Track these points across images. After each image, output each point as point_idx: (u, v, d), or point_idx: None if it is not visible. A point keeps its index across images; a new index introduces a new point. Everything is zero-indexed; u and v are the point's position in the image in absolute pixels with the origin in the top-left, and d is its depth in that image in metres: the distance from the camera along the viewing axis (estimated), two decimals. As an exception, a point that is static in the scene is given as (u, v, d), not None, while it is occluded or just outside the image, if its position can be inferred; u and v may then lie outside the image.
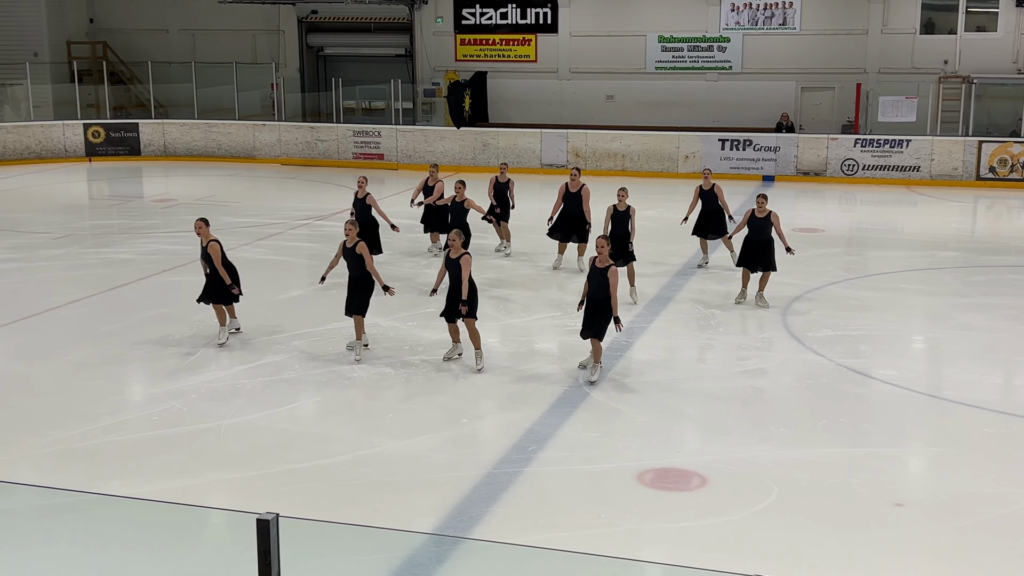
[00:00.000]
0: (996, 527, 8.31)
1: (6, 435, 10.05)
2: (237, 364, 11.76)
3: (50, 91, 31.46)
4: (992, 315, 14.10)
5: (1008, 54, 27.39)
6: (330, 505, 8.51)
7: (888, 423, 10.48)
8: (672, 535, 8.11)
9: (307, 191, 25.00)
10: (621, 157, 27.27)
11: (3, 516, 8.02)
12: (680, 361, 12.45)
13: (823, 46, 28.46)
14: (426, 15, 31.45)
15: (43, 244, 18.44)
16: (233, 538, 7.42)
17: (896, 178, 25.87)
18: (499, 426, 10.35)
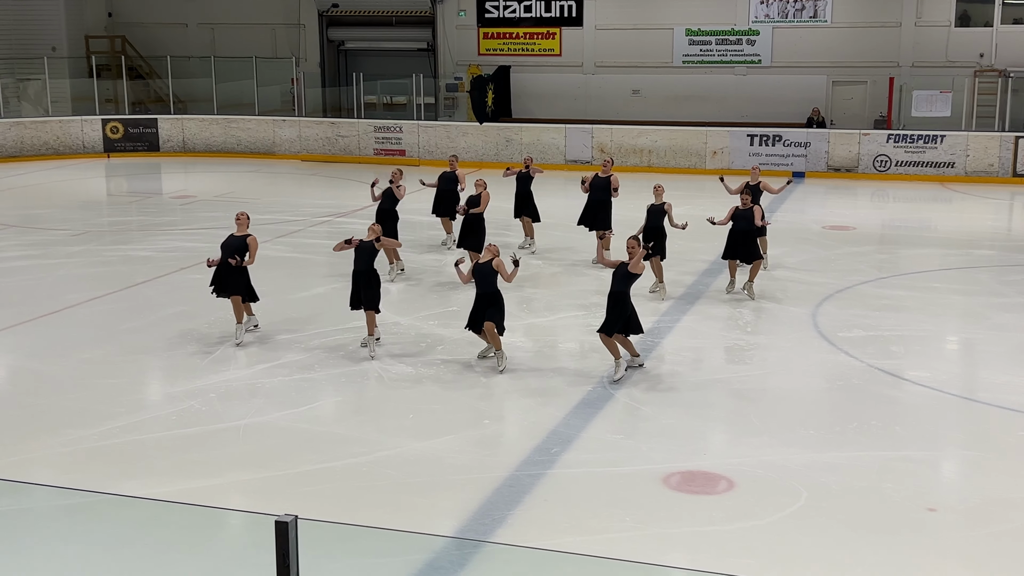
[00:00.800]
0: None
1: (23, 434, 10.12)
2: (256, 363, 11.80)
3: (68, 86, 31.71)
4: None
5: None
6: (350, 507, 8.53)
7: (921, 426, 10.40)
8: (699, 539, 8.08)
9: (327, 188, 25.07)
10: (647, 153, 27.20)
11: (20, 516, 8.09)
12: (707, 361, 12.40)
13: (855, 39, 28.28)
14: (449, 8, 31.46)
15: (61, 241, 18.57)
16: (251, 540, 7.44)
17: (930, 175, 25.68)
18: (522, 427, 10.35)
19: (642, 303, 14.53)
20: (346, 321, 13.42)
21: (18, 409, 10.83)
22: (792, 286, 15.41)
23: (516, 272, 11.57)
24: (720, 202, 16.81)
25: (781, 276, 16.05)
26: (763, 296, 14.82)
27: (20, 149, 29.07)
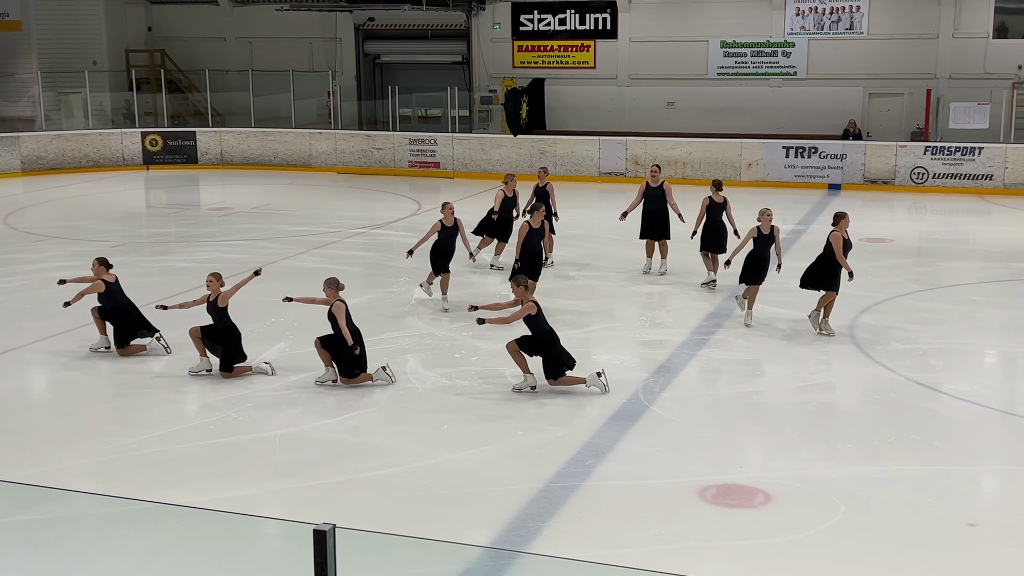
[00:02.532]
0: (1075, 550, 8.13)
1: (64, 443, 10.22)
2: (293, 373, 11.85)
3: (108, 99, 32.10)
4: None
5: (1086, 59, 26.88)
6: (385, 517, 8.54)
7: (960, 440, 10.29)
8: (735, 553, 8.03)
9: (363, 200, 25.19)
10: (682, 165, 27.12)
11: (61, 524, 8.16)
12: (743, 374, 12.33)
13: (892, 51, 28.11)
14: (483, 22, 31.57)
15: (103, 252, 18.75)
16: (288, 549, 7.47)
17: (968, 187, 25.44)
18: (556, 439, 10.32)
19: (683, 314, 14.50)
20: (381, 332, 13.46)
21: (59, 418, 10.95)
22: (828, 299, 15.30)
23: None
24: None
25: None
26: (799, 308, 14.71)
27: (61, 161, 29.42)
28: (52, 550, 7.71)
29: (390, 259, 18.39)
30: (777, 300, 15.20)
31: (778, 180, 26.69)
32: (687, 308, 14.74)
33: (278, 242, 19.68)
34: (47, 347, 12.86)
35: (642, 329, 13.86)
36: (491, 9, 31.45)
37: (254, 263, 17.68)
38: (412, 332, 13.61)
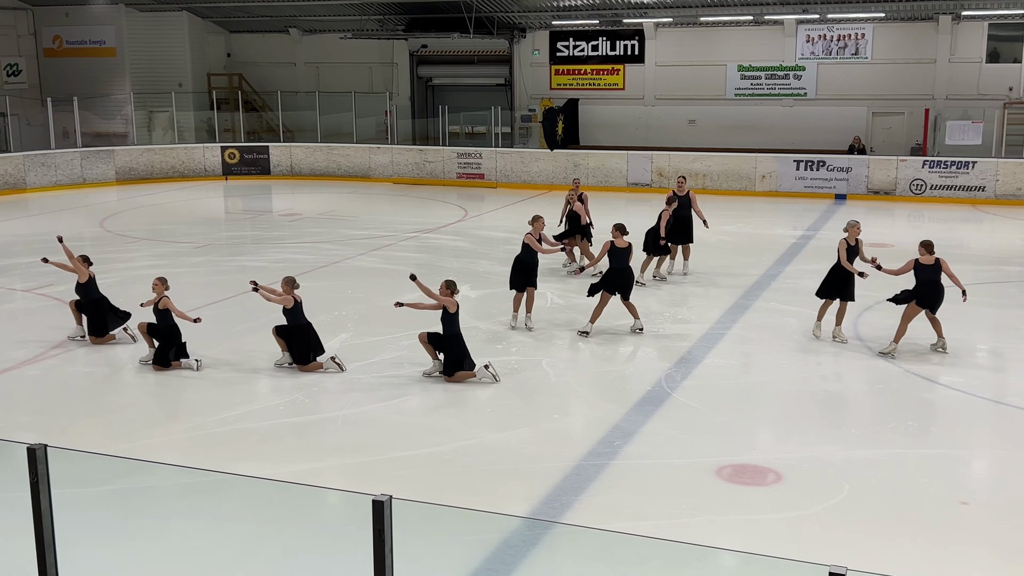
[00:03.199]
0: (1059, 527, 8.00)
1: (152, 421, 10.36)
2: (353, 361, 11.92)
3: (192, 117, 32.41)
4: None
5: (1072, 81, 26.48)
6: (435, 490, 8.57)
7: (954, 426, 10.18)
8: (748, 526, 7.98)
9: (416, 207, 25.28)
10: (702, 176, 26.99)
11: (148, 492, 8.26)
12: (756, 365, 12.26)
13: (893, 74, 27.84)
14: (524, 48, 31.58)
15: (186, 252, 18.98)
16: (348, 516, 7.52)
17: (962, 197, 25.16)
18: (587, 422, 10.31)
19: (703, 311, 14.43)
20: (430, 324, 13.49)
21: (147, 399, 11.10)
22: (834, 298, 15.16)
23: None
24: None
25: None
26: (807, 306, 14.58)
27: (151, 172, 29.79)
28: (142, 514, 7.82)
29: (439, 260, 18.45)
30: (785, 299, 15.10)
31: (789, 190, 26.53)
32: (707, 306, 14.67)
33: (341, 244, 19.81)
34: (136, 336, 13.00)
35: (665, 324, 13.81)
36: (531, 37, 31.44)
37: (320, 263, 17.83)
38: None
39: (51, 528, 4.57)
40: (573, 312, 14.43)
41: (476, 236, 21.00)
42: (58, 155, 28.45)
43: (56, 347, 12.62)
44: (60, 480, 4.69)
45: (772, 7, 27.61)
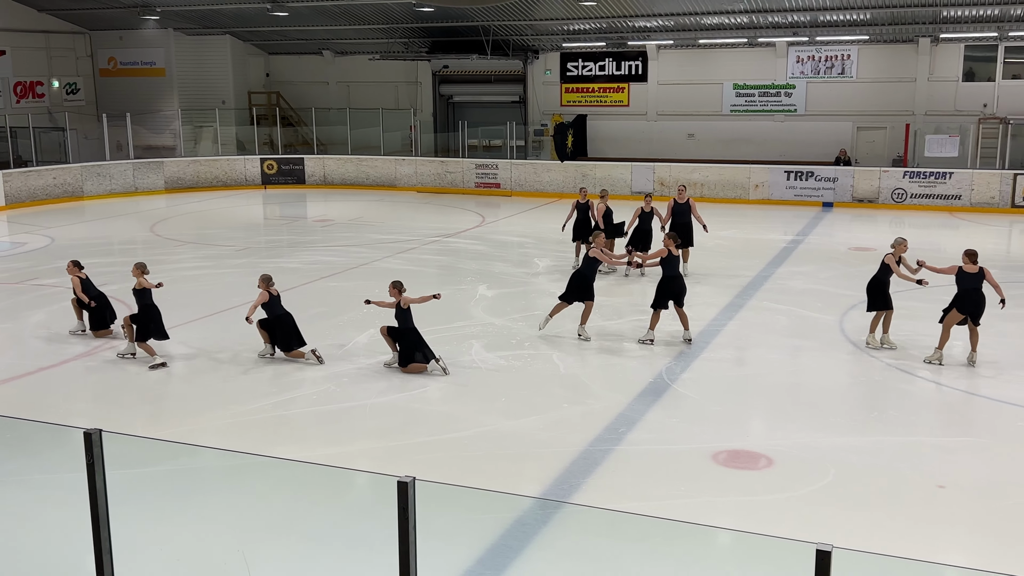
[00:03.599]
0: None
1: (197, 408, 10.40)
2: (380, 354, 11.94)
3: (234, 132, 32.53)
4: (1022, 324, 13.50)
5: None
6: (454, 472, 8.58)
7: (932, 416, 10.12)
8: (742, 507, 7.96)
9: (438, 214, 25.31)
10: (700, 185, 26.92)
11: (194, 473, 8.30)
12: (750, 359, 12.22)
13: (876, 92, 27.70)
14: (537, 68, 31.57)
15: (228, 255, 19.05)
16: (376, 496, 7.53)
17: (940, 205, 25.02)
18: (594, 411, 10.30)
19: (701, 309, 14.40)
20: (451, 321, 13.51)
21: (193, 389, 11.15)
22: (822, 297, 15.11)
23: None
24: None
25: (813, 288, 15.75)
26: (797, 304, 14.55)
27: (196, 181, 29.91)
28: (188, 492, 7.85)
29: (459, 262, 18.47)
30: (776, 299, 15.04)
31: (780, 199, 26.43)
32: (704, 304, 14.63)
33: (369, 248, 19.85)
34: (182, 333, 13.08)
35: (666, 321, 13.76)
36: (543, 58, 31.41)
37: (350, 264, 17.88)
38: (476, 322, 13.66)
39: (105, 505, 4.60)
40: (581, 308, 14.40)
41: (492, 240, 21.01)
42: (112, 166, 28.61)
43: (110, 342, 12.68)
44: (113, 462, 4.71)
45: (765, 30, 27.52)
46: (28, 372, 11.49)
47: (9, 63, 30.60)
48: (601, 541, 6.59)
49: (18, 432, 9.31)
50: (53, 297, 15.12)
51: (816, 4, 25.02)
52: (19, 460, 8.64)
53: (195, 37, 32.79)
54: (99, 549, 4.62)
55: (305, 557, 6.95)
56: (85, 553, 4.73)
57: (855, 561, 5.46)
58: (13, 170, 26.61)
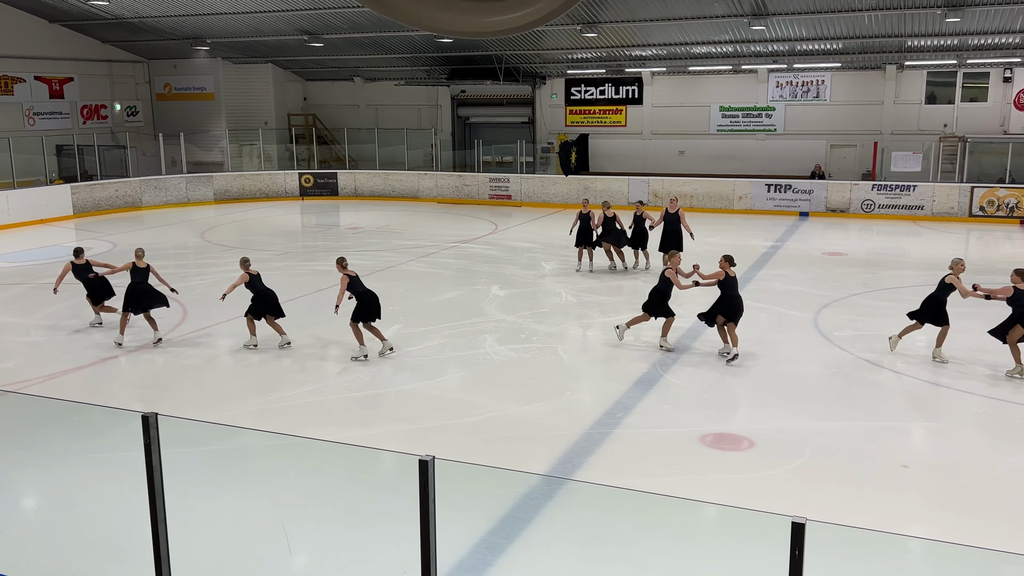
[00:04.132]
0: (984, 486, 7.90)
1: (240, 394, 10.44)
2: (405, 346, 11.97)
3: (275, 149, 32.62)
4: (982, 321, 13.36)
5: (996, 119, 26.13)
6: (470, 452, 8.59)
7: (897, 403, 10.07)
8: (726, 484, 7.94)
9: (455, 222, 25.32)
10: (689, 197, 26.86)
11: (238, 452, 8.32)
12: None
13: (848, 113, 27.59)
14: (544, 92, 31.54)
15: (269, 259, 19.10)
16: (401, 473, 7.55)
17: (905, 215, 24.91)
18: (594, 398, 10.30)
19: (691, 307, 14.37)
20: (467, 318, 13.52)
21: (238, 378, 11.18)
22: (799, 296, 15.06)
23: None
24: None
25: (790, 289, 15.69)
26: (776, 303, 14.49)
27: (242, 193, 30.01)
28: (233, 469, 7.87)
29: (474, 265, 18.47)
30: (758, 298, 14.98)
31: (761, 209, 26.35)
32: (694, 303, 14.56)
33: (394, 252, 19.87)
34: (229, 327, 13.13)
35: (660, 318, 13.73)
36: (550, 83, 31.38)
37: (378, 267, 17.90)
38: (489, 318, 13.66)
39: (160, 480, 4.62)
40: (584, 308, 14.40)
41: (504, 246, 21.01)
42: (168, 180, 28.72)
43: (164, 336, 12.73)
44: (167, 442, 4.73)
45: (748, 58, 27.43)
46: (92, 362, 11.56)
47: (77, 89, 30.76)
48: (600, 513, 6.59)
49: (84, 416, 9.37)
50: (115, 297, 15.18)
51: (793, 35, 24.92)
52: (84, 440, 8.69)
53: (240, 65, 32.90)
54: (155, 518, 4.65)
55: (337, 526, 6.97)
56: (142, 521, 4.75)
57: (827, 532, 5.44)
58: (80, 183, 26.75)
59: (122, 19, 27.98)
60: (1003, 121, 26.07)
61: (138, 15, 27.48)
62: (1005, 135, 25.85)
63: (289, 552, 6.55)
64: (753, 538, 5.87)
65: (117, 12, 27.16)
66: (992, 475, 8.12)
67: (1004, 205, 24.17)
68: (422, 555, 4.07)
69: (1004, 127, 26.03)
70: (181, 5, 26.28)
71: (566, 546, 6.75)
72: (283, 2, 25.24)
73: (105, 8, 26.78)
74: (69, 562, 6.45)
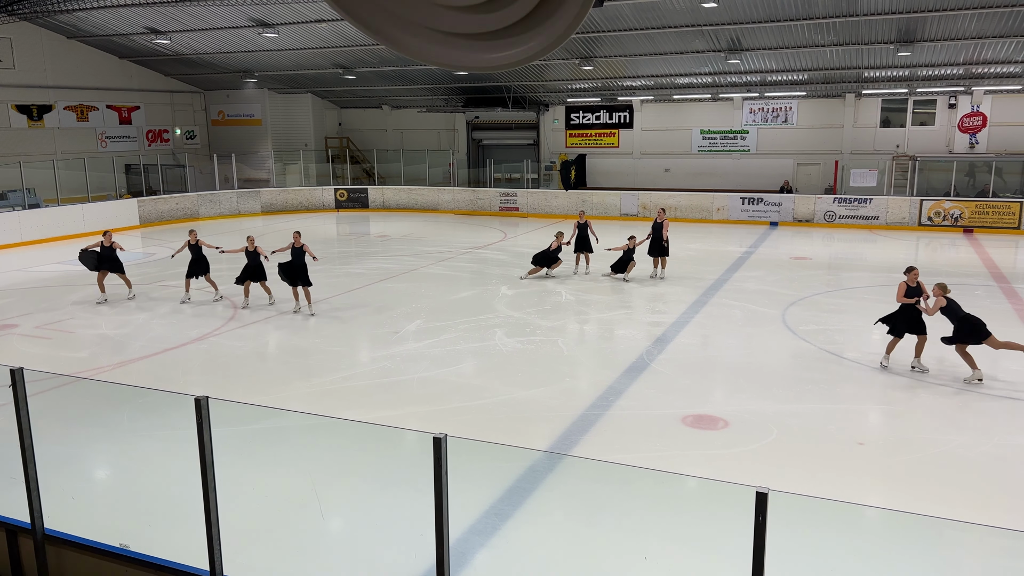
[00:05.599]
0: (930, 461, 7.85)
1: (285, 381, 10.47)
2: (424, 339, 11.98)
3: (314, 168, 32.70)
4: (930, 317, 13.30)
5: (942, 141, 25.97)
6: (481, 430, 8.59)
7: (855, 388, 10.01)
8: (705, 458, 7.92)
9: (470, 231, 25.33)
10: (673, 209, 26.79)
11: (281, 431, 8.34)
12: (711, 344, 12.13)
13: (812, 135, 27.47)
14: (547, 118, 31.51)
15: (309, 262, 19.09)
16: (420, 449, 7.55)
17: (862, 224, 24.78)
18: (590, 383, 10.28)
19: (675, 305, 14.32)
20: (479, 314, 13.51)
21: (282, 365, 11.21)
22: (769, 296, 14.99)
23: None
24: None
25: (762, 289, 15.62)
26: (749, 301, 14.44)
27: (285, 206, 30.08)
28: (276, 445, 7.89)
29: (486, 268, 18.47)
30: (733, 297, 14.94)
31: (736, 219, 26.26)
32: (678, 301, 14.56)
33: (417, 257, 19.89)
34: (275, 321, 13.16)
35: (647, 314, 13.73)
36: (552, 110, 31.35)
37: (403, 270, 17.92)
38: (499, 315, 13.66)
39: (211, 454, 4.64)
40: (582, 306, 14.38)
41: (512, 251, 21.00)
42: (221, 194, 28.83)
43: (216, 329, 12.78)
44: (218, 421, 4.75)
45: (725, 88, 27.35)
46: (156, 352, 11.61)
47: (143, 115, 30.91)
48: (594, 484, 6.58)
49: (149, 399, 9.41)
50: (176, 294, 15.26)
51: (765, 67, 24.83)
52: (150, 419, 8.73)
53: (284, 95, 33.01)
54: (205, 487, 4.67)
55: (365, 496, 6.98)
56: (195, 489, 4.77)
57: (789, 501, 5.42)
58: (146, 198, 26.89)
59: (182, 55, 28.12)
60: (948, 142, 25.92)
61: (195, 52, 27.61)
62: (950, 154, 25.70)
63: (322, 516, 6.57)
64: (726, 507, 5.85)
65: (177, 49, 27.30)
66: (937, 452, 8.07)
67: (949, 216, 24.04)
68: (435, 519, 4.07)
69: (949, 147, 25.88)
70: (233, 43, 26.39)
71: (564, 513, 6.75)
72: (321, 40, 25.31)
73: (167, 46, 26.92)
74: (134, 524, 6.48)
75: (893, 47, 21.62)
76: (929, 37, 20.89)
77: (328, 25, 23.73)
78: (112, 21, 24.96)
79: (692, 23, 21.16)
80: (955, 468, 7.69)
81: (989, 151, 25.24)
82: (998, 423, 8.77)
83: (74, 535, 5.20)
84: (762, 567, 3.44)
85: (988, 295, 14.98)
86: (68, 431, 8.41)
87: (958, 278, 16.78)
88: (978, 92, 24.93)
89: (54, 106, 27.77)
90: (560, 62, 25.70)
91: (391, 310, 13.91)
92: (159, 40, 25.95)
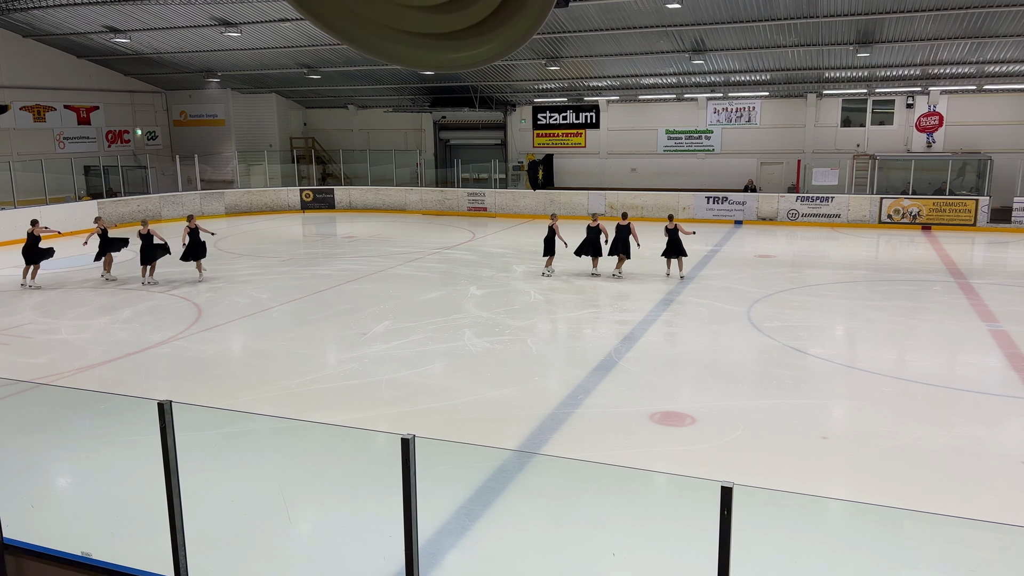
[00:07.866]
0: (891, 454, 8.02)
1: (251, 384, 10.33)
2: (393, 340, 11.92)
3: (279, 168, 32.34)
4: (890, 312, 13.61)
5: (901, 140, 26.56)
6: (450, 430, 8.57)
7: (818, 384, 10.19)
8: (673, 454, 7.99)
9: (438, 232, 25.26)
10: (640, 208, 27.00)
11: (248, 435, 8.24)
12: (678, 342, 12.26)
13: (775, 135, 27.88)
14: (514, 118, 31.54)
15: (274, 264, 18.93)
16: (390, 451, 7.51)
17: (824, 222, 25.21)
18: (559, 382, 10.31)
19: (641, 304, 14.43)
20: (448, 314, 13.48)
21: (248, 368, 11.07)
22: (734, 293, 15.19)
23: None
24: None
25: (727, 286, 15.82)
26: (715, 299, 14.61)
27: (250, 207, 29.70)
28: (243, 449, 7.79)
29: (455, 269, 18.44)
30: (699, 295, 15.10)
31: (702, 218, 26.54)
32: (644, 300, 14.68)
33: (385, 258, 19.78)
34: (241, 324, 12.99)
35: (614, 312, 13.82)
36: (519, 110, 31.39)
37: (370, 271, 17.80)
38: (468, 315, 13.65)
39: (175, 460, 4.57)
40: (551, 306, 14.42)
41: (481, 252, 21.00)
42: (184, 196, 28.37)
43: (180, 332, 12.59)
44: (184, 426, 4.68)
45: (689, 88, 27.64)
46: (118, 356, 11.39)
47: (103, 116, 30.29)
48: (564, 483, 6.61)
49: (111, 404, 9.21)
50: (138, 297, 14.98)
51: (728, 68, 25.15)
52: (112, 425, 8.56)
53: (248, 95, 32.58)
54: (170, 493, 4.59)
55: (333, 499, 6.93)
56: (159, 495, 4.70)
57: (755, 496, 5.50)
58: (106, 199, 26.35)
59: (142, 55, 27.59)
60: (907, 141, 26.51)
61: (156, 51, 27.11)
62: (908, 153, 26.28)
63: (289, 521, 6.50)
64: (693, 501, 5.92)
65: (137, 48, 26.79)
66: (897, 444, 8.25)
67: (908, 213, 24.58)
68: (404, 520, 4.06)
69: (908, 146, 26.47)
70: (194, 42, 25.97)
71: (534, 511, 6.77)
72: (285, 39, 25.03)
73: (127, 45, 26.39)
74: (96, 532, 6.35)
75: (852, 48, 22.06)
76: (887, 38, 21.35)
77: (292, 24, 23.49)
78: (69, 19, 24.41)
79: (657, 24, 21.36)
80: (916, 460, 7.87)
81: (945, 150, 25.88)
82: (957, 416, 9.00)
83: (34, 544, 5.09)
84: (727, 560, 3.49)
85: (946, 291, 15.36)
86: (28, 438, 8.21)
87: (917, 274, 17.19)
88: (935, 92, 25.54)
89: (10, 106, 27.07)
90: (526, 62, 25.74)
91: (359, 311, 13.81)
92: (118, 39, 25.43)
